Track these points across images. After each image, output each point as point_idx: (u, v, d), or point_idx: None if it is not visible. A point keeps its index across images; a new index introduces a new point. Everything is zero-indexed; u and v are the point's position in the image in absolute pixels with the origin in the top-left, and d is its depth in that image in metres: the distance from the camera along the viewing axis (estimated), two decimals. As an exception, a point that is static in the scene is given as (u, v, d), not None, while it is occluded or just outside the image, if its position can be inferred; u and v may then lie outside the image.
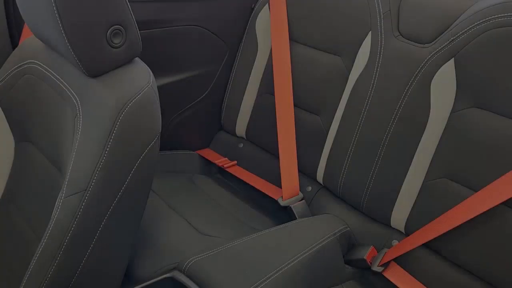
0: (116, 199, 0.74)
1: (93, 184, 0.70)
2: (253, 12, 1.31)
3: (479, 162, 0.89)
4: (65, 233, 0.70)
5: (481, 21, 0.89)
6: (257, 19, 1.30)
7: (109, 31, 0.74)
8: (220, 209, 1.16)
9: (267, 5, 1.28)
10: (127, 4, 0.76)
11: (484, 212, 0.86)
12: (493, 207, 0.85)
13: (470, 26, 0.90)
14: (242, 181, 1.29)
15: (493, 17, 0.87)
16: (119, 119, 0.72)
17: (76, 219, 0.70)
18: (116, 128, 0.72)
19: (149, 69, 0.83)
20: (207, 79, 1.34)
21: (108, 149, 0.71)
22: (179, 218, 1.05)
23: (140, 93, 0.76)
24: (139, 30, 1.14)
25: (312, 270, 0.92)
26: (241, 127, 1.37)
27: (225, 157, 1.38)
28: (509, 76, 0.86)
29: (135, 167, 0.75)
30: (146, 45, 1.17)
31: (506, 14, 0.86)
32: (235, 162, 1.35)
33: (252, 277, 0.84)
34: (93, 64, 0.76)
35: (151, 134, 0.77)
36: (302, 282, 0.89)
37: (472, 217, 0.87)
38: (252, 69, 1.33)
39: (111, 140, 0.71)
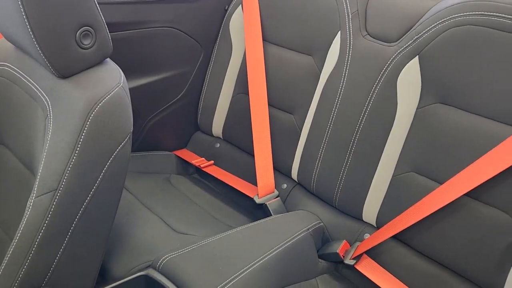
0: (88, 198, 0.74)
1: (64, 183, 0.71)
2: (227, 13, 1.33)
3: (443, 155, 0.93)
4: (37, 232, 0.70)
5: (442, 20, 0.92)
6: (230, 20, 1.32)
7: (78, 33, 0.75)
8: (196, 208, 1.18)
9: (240, 6, 1.30)
10: (96, 5, 0.77)
11: (449, 204, 0.89)
12: (458, 199, 0.89)
13: (433, 25, 0.94)
14: (219, 180, 1.31)
15: (453, 16, 0.91)
16: (89, 118, 0.73)
17: (48, 219, 0.71)
18: (86, 128, 0.73)
19: (120, 69, 0.84)
20: (182, 80, 1.36)
21: (78, 148, 0.72)
22: (155, 217, 1.06)
23: (111, 93, 0.77)
24: (113, 32, 1.16)
25: (285, 264, 0.94)
26: (217, 127, 1.39)
27: (202, 157, 1.39)
28: (470, 72, 0.89)
29: (106, 166, 0.76)
30: (120, 47, 1.19)
31: (465, 13, 0.89)
32: (212, 162, 1.37)
33: (225, 273, 0.85)
34: (63, 65, 0.76)
35: (122, 133, 0.78)
36: (275, 277, 0.91)
37: (438, 208, 0.90)
38: (227, 69, 1.34)
39: (81, 140, 0.72)
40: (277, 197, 1.20)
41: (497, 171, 0.83)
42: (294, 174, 1.20)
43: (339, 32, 1.09)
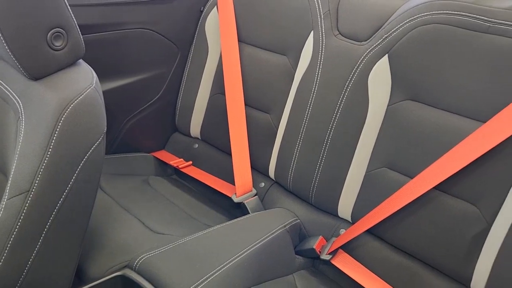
0: (62, 200, 0.74)
1: (36, 185, 0.71)
2: (202, 14, 1.34)
3: (414, 151, 0.95)
4: (9, 235, 0.70)
5: (410, 19, 0.95)
6: (206, 22, 1.33)
7: (49, 34, 0.75)
8: (174, 208, 1.18)
9: (215, 7, 1.31)
10: (67, 7, 0.78)
11: (420, 197, 0.92)
12: (427, 192, 0.91)
13: (400, 24, 0.96)
14: (198, 180, 1.31)
15: (420, 15, 0.94)
16: (61, 120, 0.73)
17: (20, 221, 0.70)
18: (58, 129, 0.73)
19: (92, 70, 0.84)
20: (159, 81, 1.36)
21: (50, 150, 0.72)
22: (132, 218, 1.06)
23: (83, 93, 0.77)
24: (88, 34, 1.16)
25: (262, 261, 0.95)
26: (195, 128, 1.39)
27: (180, 158, 1.40)
28: (437, 69, 0.92)
29: (80, 166, 0.76)
30: (95, 49, 1.19)
31: (431, 12, 0.92)
32: (191, 162, 1.37)
33: (202, 271, 0.86)
34: (34, 67, 0.76)
35: (96, 134, 0.78)
36: (252, 273, 0.92)
37: (409, 202, 0.93)
38: (203, 70, 1.35)
39: (53, 141, 0.72)
40: (255, 195, 1.21)
41: (464, 164, 0.86)
42: (271, 172, 1.22)
43: (312, 32, 1.11)
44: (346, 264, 1.02)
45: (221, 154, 1.34)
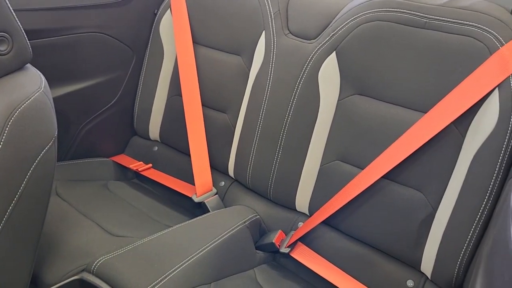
0: (12, 205, 0.73)
1: (-16, 191, 0.70)
2: (156, 17, 1.35)
3: (363, 143, 0.99)
4: (-43, 243, 0.69)
5: (354, 17, 0.99)
6: (160, 24, 1.34)
7: (-7, 39, 0.74)
8: (134, 211, 1.18)
9: (169, 9, 1.32)
10: (11, 11, 0.77)
11: (370, 187, 0.96)
12: (377, 182, 0.96)
13: (346, 22, 1.00)
14: (158, 183, 1.31)
15: (363, 13, 0.98)
16: (8, 124, 0.72)
17: (-32, 228, 0.69)
18: (6, 134, 0.72)
19: (41, 74, 0.84)
20: (115, 85, 1.35)
21: (-2, 155, 0.71)
22: (90, 223, 1.05)
23: (31, 97, 0.76)
24: (38, 39, 1.15)
25: (221, 257, 0.97)
26: (154, 131, 1.39)
27: (140, 161, 1.40)
28: (381, 64, 0.96)
29: (30, 171, 0.75)
30: (47, 54, 1.18)
31: (372, 10, 0.97)
32: (150, 165, 1.37)
33: (161, 270, 0.87)
34: (-21, 72, 0.75)
35: (46, 138, 0.78)
36: (212, 270, 0.93)
37: (360, 192, 0.97)
38: (160, 72, 1.36)
39: (0, 146, 0.71)
40: (215, 194, 1.22)
41: (408, 153, 0.91)
42: (231, 171, 1.23)
43: (264, 32, 1.14)
44: (305, 256, 1.05)
45: (180, 156, 1.35)
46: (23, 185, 0.74)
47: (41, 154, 0.77)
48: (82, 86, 1.28)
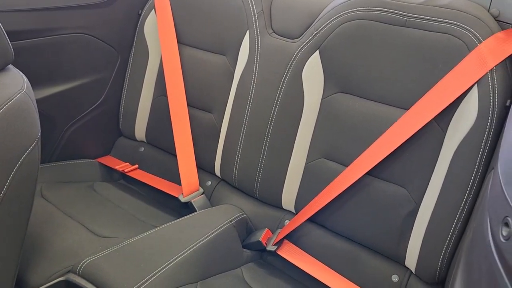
0: (-5, 207, 0.73)
1: (-34, 193, 0.69)
2: (141, 17, 1.34)
3: (347, 140, 1.01)
4: None
5: (336, 16, 1.00)
6: (145, 24, 1.33)
7: (-27, 40, 0.74)
8: (121, 212, 1.17)
9: (153, 10, 1.32)
10: (-9, 12, 0.76)
11: (355, 184, 0.97)
12: (362, 178, 0.97)
13: (328, 21, 1.02)
14: (145, 184, 1.31)
15: (344, 12, 0.99)
16: (-10, 125, 0.72)
17: (-50, 231, 0.69)
18: (-13, 135, 0.71)
19: (23, 75, 0.83)
20: (100, 86, 1.35)
21: (-21, 156, 0.70)
22: (76, 224, 1.05)
23: (13, 99, 0.76)
24: (22, 40, 1.14)
25: (208, 256, 0.97)
26: (140, 131, 1.39)
27: (126, 162, 1.39)
28: (363, 62, 0.98)
29: (13, 172, 0.75)
30: (30, 55, 1.17)
31: (354, 9, 0.98)
32: (137, 166, 1.37)
33: (147, 269, 0.87)
34: (-41, 73, 0.75)
35: (28, 139, 0.77)
36: (198, 268, 0.93)
37: (345, 188, 0.98)
38: (145, 73, 1.35)
39: (-18, 148, 0.71)
40: (202, 194, 1.23)
41: (391, 150, 0.92)
42: (217, 170, 1.24)
43: (248, 31, 1.15)
44: (291, 254, 1.05)
45: (167, 156, 1.34)
46: (6, 186, 0.74)
47: (24, 155, 0.76)
48: (66, 88, 1.28)
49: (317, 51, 1.03)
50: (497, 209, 0.49)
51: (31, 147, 0.78)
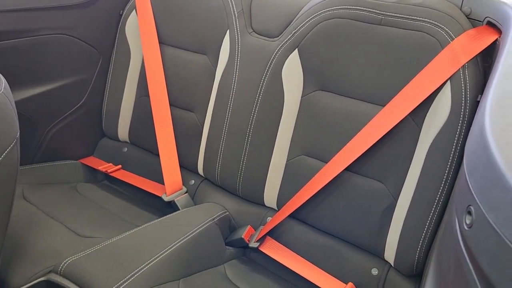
0: (-27, 208, 0.73)
1: None
2: (122, 17, 1.35)
3: (326, 137, 1.02)
4: None
5: (314, 15, 1.02)
6: (126, 25, 1.34)
7: (-51, 41, 0.74)
8: (104, 212, 1.17)
9: (134, 10, 1.32)
10: (-33, 13, 0.76)
11: (335, 180, 0.99)
12: (341, 174, 0.98)
13: (306, 20, 1.03)
14: (129, 184, 1.31)
15: (322, 11, 1.01)
16: (-33, 126, 0.72)
17: None
18: (-36, 136, 0.71)
19: (2, 76, 0.83)
20: (82, 87, 1.35)
21: (-44, 157, 0.70)
22: (58, 225, 1.05)
23: (-10, 99, 0.76)
24: (2, 41, 1.13)
25: (190, 254, 0.98)
26: (123, 132, 1.39)
27: (110, 163, 1.39)
28: (341, 60, 0.99)
29: (-9, 173, 0.75)
30: (10, 56, 1.17)
31: (332, 8, 1.00)
32: (120, 166, 1.37)
33: (129, 268, 0.87)
34: None
35: (7, 139, 0.77)
36: (180, 266, 0.94)
37: (325, 184, 0.99)
38: (127, 73, 1.36)
39: (-41, 149, 0.71)
40: (185, 193, 1.23)
41: (368, 146, 0.94)
42: (200, 169, 1.25)
43: (228, 31, 1.16)
44: (274, 250, 1.07)
45: (150, 156, 1.35)
46: (-16, 187, 0.74)
47: (2, 156, 0.76)
48: (47, 89, 1.27)
49: (296, 49, 1.04)
50: (462, 199, 0.50)
51: (9, 148, 0.78)
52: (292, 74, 1.06)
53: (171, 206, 1.22)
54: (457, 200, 0.54)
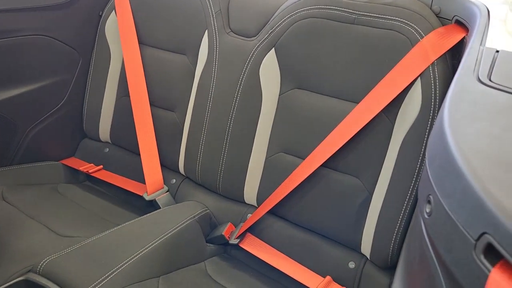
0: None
1: None
2: (101, 18, 1.35)
3: (304, 134, 1.04)
4: None
5: (290, 14, 1.04)
6: (106, 25, 1.34)
7: None
8: (85, 212, 1.17)
9: (114, 11, 1.33)
10: None
11: (313, 176, 1.01)
12: (318, 170, 1.00)
13: (283, 19, 1.05)
14: (110, 184, 1.32)
15: (298, 10, 1.03)
16: None
17: None
18: None
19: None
20: (62, 88, 1.35)
21: None
22: (38, 225, 1.05)
23: (-35, 100, 0.76)
24: (-22, 42, 1.13)
25: (170, 251, 0.99)
26: (104, 132, 1.40)
27: (91, 163, 1.39)
28: (316, 59, 1.02)
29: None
30: (-12, 57, 1.16)
31: (307, 7, 1.02)
32: (101, 166, 1.37)
33: (108, 266, 0.88)
34: None
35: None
36: (161, 263, 0.95)
37: (303, 181, 1.01)
38: (107, 74, 1.36)
39: None
40: (166, 192, 1.24)
41: (343, 142, 0.96)
42: (181, 168, 1.26)
43: (206, 31, 1.17)
44: (254, 246, 1.08)
45: (132, 156, 1.35)
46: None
47: (-22, 156, 0.76)
48: (26, 90, 1.27)
49: (273, 48, 1.06)
50: (423, 189, 0.53)
51: (-14, 148, 0.78)
52: (270, 73, 1.08)
53: (153, 205, 1.23)
54: (420, 190, 0.56)
